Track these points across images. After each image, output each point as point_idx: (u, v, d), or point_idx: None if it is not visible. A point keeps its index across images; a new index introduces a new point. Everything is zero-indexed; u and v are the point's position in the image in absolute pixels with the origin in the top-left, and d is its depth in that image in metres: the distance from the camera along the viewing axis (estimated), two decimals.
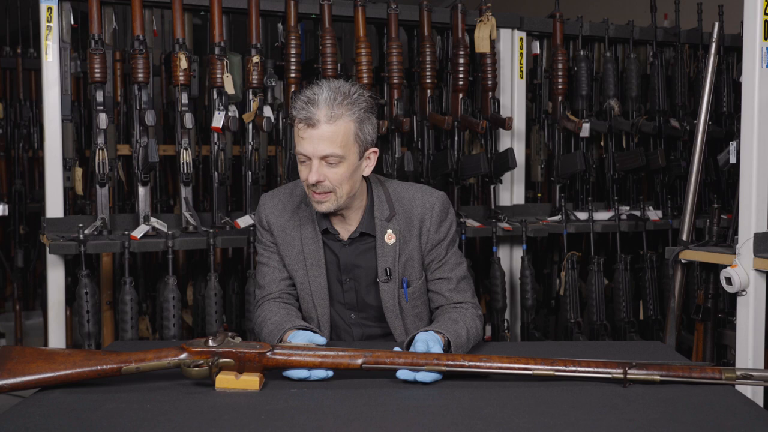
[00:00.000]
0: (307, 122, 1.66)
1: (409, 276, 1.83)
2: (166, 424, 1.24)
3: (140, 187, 2.61)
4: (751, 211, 2.33)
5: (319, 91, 1.68)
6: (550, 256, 3.49)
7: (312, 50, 3.49)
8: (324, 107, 1.66)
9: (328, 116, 1.66)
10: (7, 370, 1.39)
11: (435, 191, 1.88)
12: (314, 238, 1.84)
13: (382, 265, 1.82)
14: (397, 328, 1.84)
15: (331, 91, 1.68)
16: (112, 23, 2.74)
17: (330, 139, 1.67)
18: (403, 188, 1.88)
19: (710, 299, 2.69)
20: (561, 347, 2.01)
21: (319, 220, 1.84)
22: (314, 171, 1.69)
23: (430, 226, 1.83)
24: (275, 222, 1.87)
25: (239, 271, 3.04)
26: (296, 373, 1.44)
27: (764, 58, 2.29)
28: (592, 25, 3.35)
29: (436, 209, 1.84)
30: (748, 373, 1.40)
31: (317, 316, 1.85)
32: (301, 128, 1.69)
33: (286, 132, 2.75)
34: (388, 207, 1.83)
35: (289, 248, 1.86)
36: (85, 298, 2.37)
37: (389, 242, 1.82)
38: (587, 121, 3.17)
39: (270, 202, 1.90)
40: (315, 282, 1.84)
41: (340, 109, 1.67)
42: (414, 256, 1.83)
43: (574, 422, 1.24)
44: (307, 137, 1.67)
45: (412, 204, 1.84)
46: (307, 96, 1.69)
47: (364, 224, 1.82)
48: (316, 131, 1.66)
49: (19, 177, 4.31)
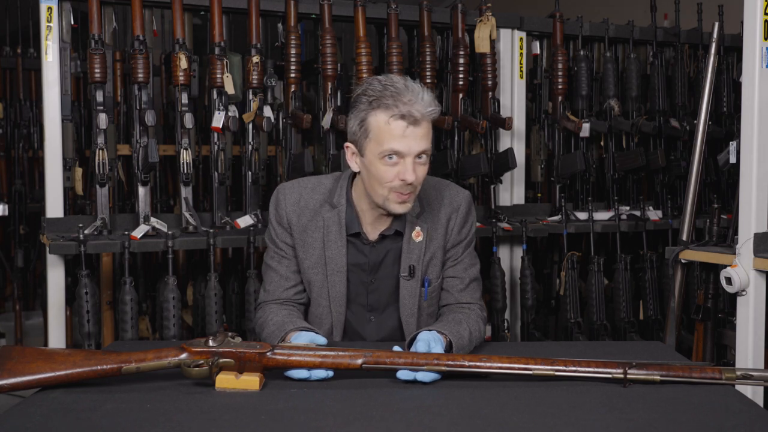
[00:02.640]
0: (410, 119, 1.59)
1: (431, 275, 1.81)
2: (166, 424, 1.24)
3: (140, 187, 2.61)
4: (751, 211, 2.33)
5: (412, 86, 1.62)
6: (550, 256, 3.49)
7: (312, 50, 3.48)
8: (426, 105, 1.61)
9: (429, 114, 1.61)
10: (7, 370, 1.39)
11: (462, 190, 1.86)
12: (338, 243, 1.76)
13: (407, 262, 1.78)
14: (411, 326, 1.81)
15: (422, 86, 1.64)
16: (112, 23, 2.74)
17: (426, 135, 1.63)
18: (430, 185, 1.83)
19: (710, 299, 2.69)
20: (561, 347, 2.01)
21: (349, 221, 1.76)
22: (411, 170, 1.61)
23: (454, 226, 1.82)
24: (297, 222, 1.78)
25: (239, 271, 3.04)
26: (297, 373, 1.44)
27: (764, 58, 2.29)
28: (592, 25, 3.35)
29: (462, 210, 1.82)
30: (748, 373, 1.40)
31: (332, 321, 1.81)
32: (398, 125, 1.60)
33: (286, 132, 2.75)
34: (419, 203, 1.78)
35: (310, 251, 1.78)
36: (85, 298, 2.37)
37: (416, 239, 1.78)
38: (587, 121, 3.16)
39: (291, 196, 1.79)
40: (334, 288, 1.78)
41: (434, 107, 1.62)
42: (437, 255, 1.81)
43: (574, 422, 1.24)
44: (410, 135, 1.60)
45: (440, 203, 1.82)
46: (399, 87, 1.60)
47: (398, 223, 1.77)
48: (419, 129, 1.61)
49: (19, 177, 4.30)
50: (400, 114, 1.59)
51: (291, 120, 2.74)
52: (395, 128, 1.60)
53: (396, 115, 1.59)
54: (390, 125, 1.60)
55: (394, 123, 1.60)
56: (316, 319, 1.83)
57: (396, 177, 1.63)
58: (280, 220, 1.80)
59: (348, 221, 1.77)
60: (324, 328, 1.81)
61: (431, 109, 1.61)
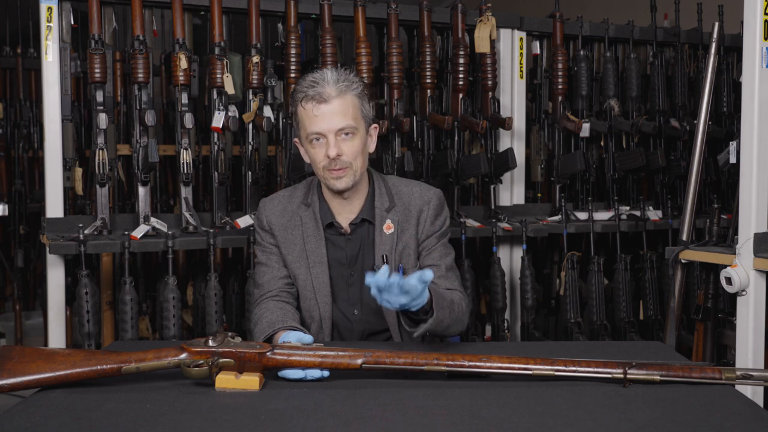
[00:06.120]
0: (319, 99, 1.73)
1: (405, 264, 1.87)
2: (166, 424, 1.24)
3: (140, 187, 2.61)
4: (751, 211, 2.33)
5: (322, 73, 1.77)
6: (550, 256, 3.49)
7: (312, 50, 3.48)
8: (332, 84, 1.74)
9: (338, 91, 1.74)
10: (7, 370, 1.39)
11: (432, 187, 1.95)
12: (316, 236, 1.87)
13: (380, 252, 1.86)
14: (391, 315, 1.86)
15: (333, 72, 1.78)
16: (112, 23, 2.74)
17: (343, 112, 1.75)
18: (401, 183, 1.94)
19: (710, 299, 2.69)
20: (561, 347, 2.00)
21: (323, 214, 1.87)
22: (332, 145, 1.74)
23: (426, 218, 1.89)
24: (276, 222, 1.91)
25: (239, 271, 3.04)
26: (292, 373, 1.43)
27: (764, 58, 2.29)
28: (592, 25, 3.35)
29: (433, 203, 1.90)
30: (748, 373, 1.40)
31: (319, 314, 1.87)
32: (311, 107, 1.74)
33: (286, 132, 2.75)
34: (388, 199, 1.89)
35: (291, 247, 1.89)
36: (85, 298, 2.37)
37: (387, 232, 1.87)
38: (587, 121, 3.17)
39: (270, 204, 1.94)
40: (317, 279, 1.86)
41: (345, 84, 1.76)
42: (410, 245, 1.88)
43: (574, 422, 1.24)
44: (321, 114, 1.74)
45: (410, 197, 1.90)
46: (311, 79, 1.76)
47: (365, 211, 1.87)
48: (329, 106, 1.74)
49: (19, 177, 4.31)
50: (309, 96, 1.74)
51: (291, 120, 2.73)
52: (309, 110, 1.75)
53: (307, 98, 1.75)
54: (305, 109, 1.76)
55: (307, 106, 1.75)
56: (307, 313, 1.90)
57: (325, 155, 1.76)
58: (261, 225, 1.94)
59: (322, 215, 1.88)
60: (315, 321, 1.88)
61: (337, 86, 1.74)
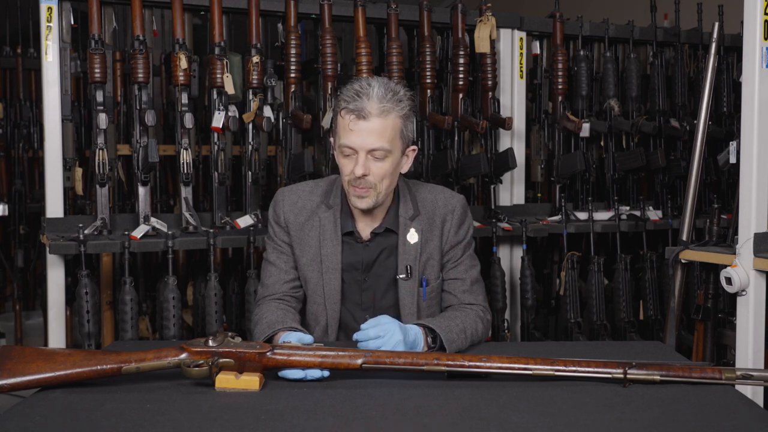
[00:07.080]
0: (359, 114, 1.66)
1: (429, 275, 1.84)
2: (166, 424, 1.24)
3: (140, 187, 2.61)
4: (751, 211, 2.33)
5: (370, 85, 1.69)
6: (550, 256, 3.49)
7: (312, 50, 3.48)
8: (376, 101, 1.67)
9: (380, 110, 1.67)
10: (7, 370, 1.39)
11: (456, 194, 1.91)
12: (333, 241, 1.82)
13: (403, 263, 1.82)
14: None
15: (382, 86, 1.69)
16: (112, 23, 2.74)
17: (380, 133, 1.68)
18: (425, 189, 1.90)
19: (710, 299, 2.69)
20: (561, 347, 2.00)
21: (344, 221, 1.82)
22: (360, 164, 1.69)
23: (450, 227, 1.85)
24: (294, 220, 1.84)
25: (239, 271, 3.04)
26: (292, 373, 1.43)
27: (764, 58, 2.29)
28: (592, 25, 3.35)
29: (457, 211, 1.86)
30: (748, 373, 1.40)
31: (327, 318, 1.84)
32: (350, 120, 1.68)
33: (286, 132, 2.75)
34: (413, 206, 1.84)
35: (306, 248, 1.83)
36: (85, 298, 2.37)
37: (411, 241, 1.82)
38: (587, 121, 3.16)
39: (289, 198, 1.86)
40: (329, 285, 1.82)
41: (390, 104, 1.68)
42: (434, 256, 1.84)
43: (574, 422, 1.24)
44: (357, 130, 1.67)
45: (434, 205, 1.86)
46: (357, 88, 1.69)
47: (388, 221, 1.82)
48: (368, 124, 1.67)
49: (19, 177, 4.30)
50: (350, 108, 1.68)
51: (291, 120, 2.74)
52: (346, 122, 1.69)
53: (347, 109, 1.68)
54: (344, 119, 1.70)
55: (346, 117, 1.69)
56: (312, 316, 1.86)
57: (351, 171, 1.71)
58: (277, 219, 1.86)
59: (343, 220, 1.82)
60: (320, 324, 1.85)
61: (382, 105, 1.67)
